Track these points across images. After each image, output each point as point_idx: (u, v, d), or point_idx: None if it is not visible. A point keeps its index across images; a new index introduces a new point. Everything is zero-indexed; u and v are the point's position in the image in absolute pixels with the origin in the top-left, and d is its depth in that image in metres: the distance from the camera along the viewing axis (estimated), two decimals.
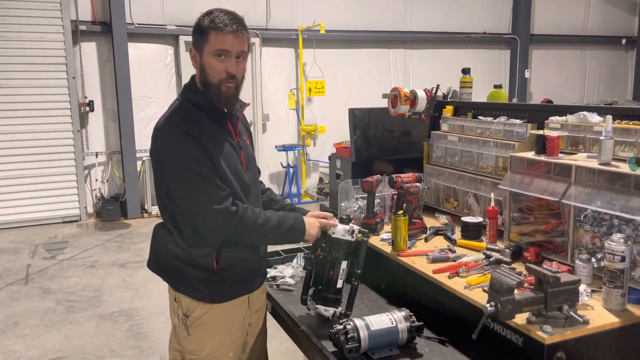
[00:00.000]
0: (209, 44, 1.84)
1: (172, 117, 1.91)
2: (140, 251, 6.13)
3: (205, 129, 1.87)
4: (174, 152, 1.84)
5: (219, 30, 1.83)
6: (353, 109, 3.30)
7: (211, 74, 1.86)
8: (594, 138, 2.18)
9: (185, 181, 1.83)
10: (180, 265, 1.93)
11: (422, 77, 9.27)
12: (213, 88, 1.88)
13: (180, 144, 1.82)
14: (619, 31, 11.40)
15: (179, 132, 1.83)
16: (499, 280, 1.59)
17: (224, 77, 1.86)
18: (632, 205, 1.77)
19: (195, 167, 1.81)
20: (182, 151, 1.82)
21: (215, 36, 1.83)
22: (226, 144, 1.92)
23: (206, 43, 1.85)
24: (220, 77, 1.86)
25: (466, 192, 2.76)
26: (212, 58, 1.85)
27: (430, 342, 1.90)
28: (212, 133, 1.89)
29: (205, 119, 1.89)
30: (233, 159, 1.93)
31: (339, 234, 2.01)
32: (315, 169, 9.04)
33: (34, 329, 4.23)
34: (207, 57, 1.85)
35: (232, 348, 2.01)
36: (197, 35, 1.88)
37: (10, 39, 6.98)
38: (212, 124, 1.90)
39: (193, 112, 1.89)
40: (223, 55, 1.85)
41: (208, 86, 1.88)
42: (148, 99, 7.88)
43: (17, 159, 7.17)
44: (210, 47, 1.84)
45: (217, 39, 1.83)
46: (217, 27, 1.83)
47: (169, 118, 1.91)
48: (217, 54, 1.84)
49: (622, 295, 1.69)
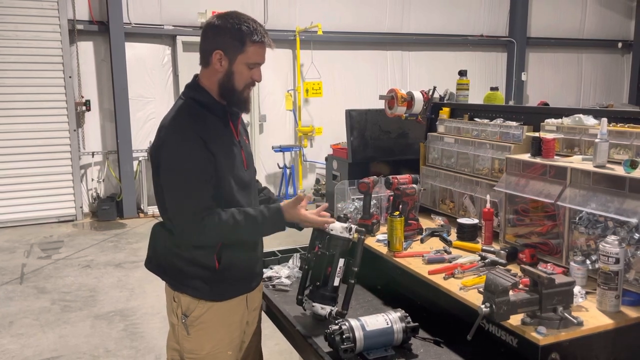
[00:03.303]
0: (245, 55, 1.88)
1: (179, 115, 1.91)
2: (136, 251, 6.12)
3: (210, 128, 1.89)
4: (174, 149, 1.85)
5: (259, 45, 1.88)
6: (350, 110, 3.30)
7: (238, 80, 1.91)
8: (589, 140, 2.19)
9: (174, 179, 1.86)
10: (181, 264, 1.93)
11: (419, 79, 9.30)
12: (237, 93, 1.92)
13: (183, 142, 1.84)
14: (616, 35, 11.45)
15: (184, 130, 1.85)
16: (494, 281, 1.59)
17: (249, 84, 1.93)
18: (626, 207, 1.77)
19: (190, 167, 1.83)
20: (182, 149, 1.84)
21: (254, 49, 1.88)
22: (229, 143, 1.95)
23: (242, 53, 1.88)
24: (246, 83, 1.92)
25: (462, 194, 2.77)
26: (244, 67, 1.89)
27: (426, 343, 1.90)
28: (216, 131, 1.91)
29: (210, 118, 1.91)
30: (235, 157, 1.95)
31: (337, 231, 2.03)
32: (312, 170, 9.05)
33: (29, 329, 4.22)
34: (239, 65, 1.89)
35: (231, 347, 2.02)
36: (232, 42, 1.87)
37: (7, 38, 6.96)
38: (216, 123, 1.93)
39: (198, 111, 1.91)
40: (254, 66, 1.91)
41: (231, 91, 1.92)
42: (145, 98, 7.87)
43: (13, 158, 7.15)
44: (247, 58, 1.88)
45: (256, 52, 1.89)
46: (258, 41, 1.87)
47: (175, 116, 1.91)
48: (251, 66, 1.90)
49: (616, 297, 1.70)
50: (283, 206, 1.96)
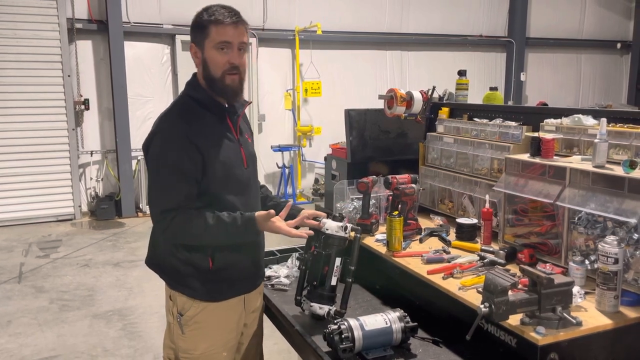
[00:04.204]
0: (209, 38, 1.86)
1: (170, 112, 1.94)
2: (134, 250, 6.11)
3: (202, 125, 1.88)
4: (158, 145, 1.86)
5: (219, 23, 1.85)
6: (349, 109, 3.30)
7: (214, 67, 1.88)
8: (588, 141, 2.20)
9: (154, 175, 1.89)
10: (177, 263, 1.93)
11: (418, 78, 9.30)
12: (217, 81, 1.89)
13: (167, 139, 1.85)
14: (614, 35, 11.46)
15: (170, 128, 1.86)
16: (493, 281, 1.59)
17: (227, 69, 1.88)
18: (625, 207, 1.77)
19: (169, 164, 1.83)
20: (165, 146, 1.85)
21: (216, 29, 1.85)
22: (224, 140, 1.93)
23: (207, 37, 1.87)
24: (223, 69, 1.88)
25: (461, 194, 2.77)
26: (214, 51, 1.87)
27: (424, 343, 1.90)
28: (209, 128, 1.90)
29: (205, 115, 1.91)
30: (231, 154, 1.93)
31: (332, 230, 2.02)
32: (311, 170, 9.04)
33: (27, 328, 4.21)
34: (209, 51, 1.87)
35: (226, 348, 2.01)
36: (197, 31, 1.89)
37: (6, 37, 6.95)
38: (210, 120, 1.92)
39: (192, 107, 1.91)
40: (225, 47, 1.87)
41: (212, 80, 1.90)
42: (144, 98, 7.86)
43: (12, 156, 7.14)
44: (212, 40, 1.86)
45: (217, 31, 1.85)
46: (217, 20, 1.85)
47: (166, 113, 1.94)
48: (219, 47, 1.86)
49: (615, 297, 1.70)
50: (257, 216, 1.89)
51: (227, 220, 1.85)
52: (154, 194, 1.90)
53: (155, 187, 1.90)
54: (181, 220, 1.82)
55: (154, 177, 1.91)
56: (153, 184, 1.91)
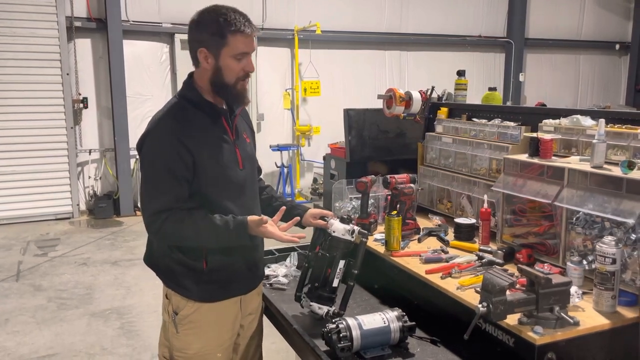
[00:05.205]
0: (228, 47, 1.84)
1: (163, 111, 1.92)
2: (132, 249, 6.10)
3: (194, 125, 1.87)
4: (149, 145, 1.86)
5: (239, 34, 1.83)
6: (348, 109, 3.30)
7: (228, 75, 1.87)
8: (586, 141, 2.20)
9: (145, 175, 1.88)
10: (171, 263, 1.93)
11: (417, 78, 9.30)
12: (229, 87, 1.88)
13: (157, 139, 1.84)
14: (613, 36, 11.48)
15: (161, 128, 1.85)
16: (491, 281, 1.60)
17: (242, 76, 1.88)
18: (623, 208, 1.78)
19: (159, 165, 1.82)
20: (155, 146, 1.84)
21: (236, 40, 1.83)
22: (218, 141, 1.91)
23: (225, 46, 1.84)
24: (237, 76, 1.88)
25: (460, 194, 2.77)
26: (231, 60, 1.85)
27: (422, 342, 1.90)
28: (201, 129, 1.88)
29: (198, 116, 1.89)
30: (224, 155, 1.91)
31: (339, 233, 2.01)
32: (310, 169, 9.04)
33: (25, 326, 4.21)
34: (226, 59, 1.85)
35: (221, 349, 2.00)
36: (213, 38, 1.84)
37: (4, 35, 6.93)
38: (203, 120, 1.90)
39: (186, 108, 1.90)
40: (242, 57, 1.86)
41: (223, 86, 1.88)
42: (142, 96, 7.85)
43: (10, 155, 7.12)
44: (231, 50, 1.84)
45: (238, 43, 1.83)
46: (237, 30, 1.82)
47: (160, 112, 1.92)
48: (238, 57, 1.85)
49: (613, 297, 1.70)
50: (249, 221, 1.87)
51: (218, 224, 1.83)
52: (145, 195, 1.88)
53: (146, 188, 1.88)
54: (173, 223, 1.81)
55: (144, 178, 1.89)
56: (144, 185, 1.89)
